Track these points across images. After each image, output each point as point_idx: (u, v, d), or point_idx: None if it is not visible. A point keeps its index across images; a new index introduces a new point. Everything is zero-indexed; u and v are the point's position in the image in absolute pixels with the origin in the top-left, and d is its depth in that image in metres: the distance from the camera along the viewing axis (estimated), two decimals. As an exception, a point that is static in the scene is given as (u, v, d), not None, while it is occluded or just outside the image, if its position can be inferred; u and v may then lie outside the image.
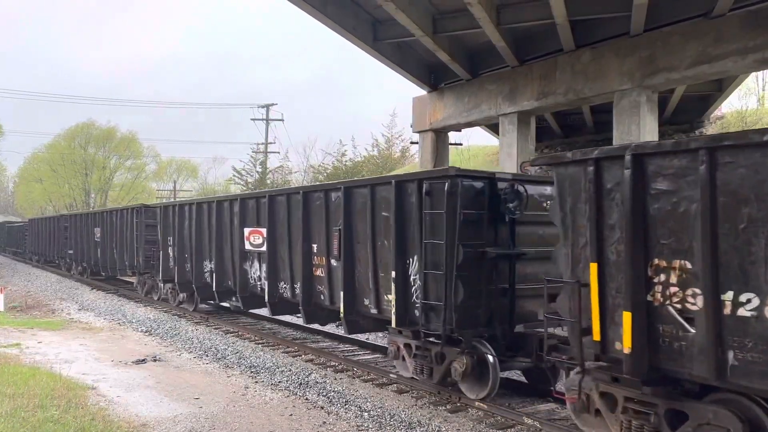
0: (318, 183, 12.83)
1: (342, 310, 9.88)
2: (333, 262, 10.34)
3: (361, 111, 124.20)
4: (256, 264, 12.78)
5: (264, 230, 12.28)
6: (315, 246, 10.80)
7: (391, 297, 8.71)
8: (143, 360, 11.10)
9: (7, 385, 8.27)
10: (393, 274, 8.65)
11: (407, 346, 8.89)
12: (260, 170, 50.98)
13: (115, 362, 10.94)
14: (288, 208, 11.56)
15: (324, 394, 8.66)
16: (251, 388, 9.12)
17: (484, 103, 18.08)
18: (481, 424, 7.33)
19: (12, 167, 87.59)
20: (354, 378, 9.67)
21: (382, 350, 11.60)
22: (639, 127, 14.18)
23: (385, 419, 7.48)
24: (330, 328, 13.41)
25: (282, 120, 51.09)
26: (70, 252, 28.01)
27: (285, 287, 11.76)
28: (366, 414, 7.70)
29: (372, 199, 9.23)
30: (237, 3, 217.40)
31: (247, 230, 12.95)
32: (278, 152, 69.19)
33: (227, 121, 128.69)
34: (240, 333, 13.71)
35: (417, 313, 8.37)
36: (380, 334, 12.63)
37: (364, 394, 8.61)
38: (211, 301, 16.32)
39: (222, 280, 14.25)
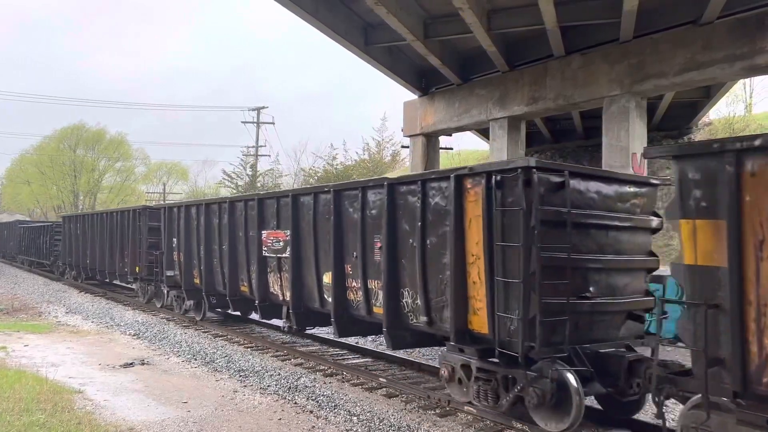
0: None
1: None
2: None
3: (363, 116, 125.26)
4: None
5: None
6: None
7: None
8: (131, 363, 11.01)
9: (-8, 389, 8.18)
10: None
11: None
12: (250, 173, 50.90)
13: (103, 366, 10.85)
14: None
15: (313, 398, 8.63)
16: (240, 392, 9.07)
17: (475, 107, 18.16)
18: (470, 429, 7.33)
19: (3, 168, 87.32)
20: (343, 382, 9.64)
21: (371, 354, 11.59)
22: (628, 132, 14.30)
23: (375, 423, 7.46)
24: (318, 331, 13.35)
25: (273, 123, 51.12)
26: (171, 274, 15.83)
27: None
28: (355, 418, 7.68)
29: None
30: (255, 21, 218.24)
31: None
32: (269, 155, 69.22)
33: (229, 126, 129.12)
34: (229, 336, 13.64)
35: None
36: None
37: (354, 398, 8.59)
38: None
39: None
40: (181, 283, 15.08)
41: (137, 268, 18.30)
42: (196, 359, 11.41)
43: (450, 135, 22.52)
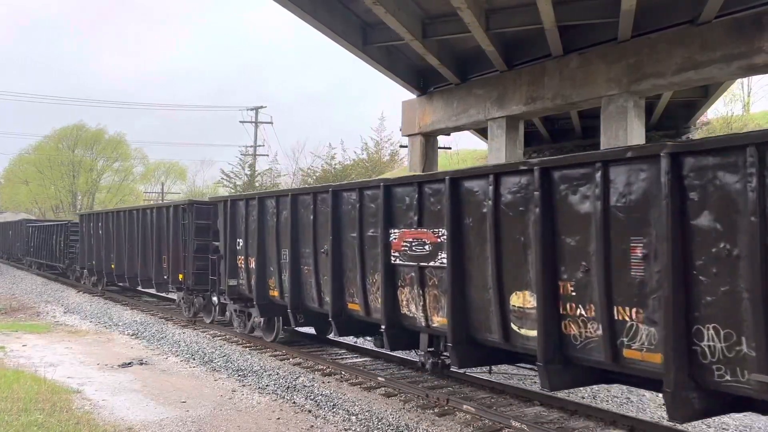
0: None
1: None
2: None
3: (362, 117, 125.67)
4: None
5: None
6: None
7: None
8: (129, 363, 11.01)
9: (-10, 389, 8.18)
10: None
11: None
12: (249, 173, 50.89)
13: (101, 366, 10.85)
14: None
15: (311, 397, 8.64)
16: (238, 391, 9.08)
17: (473, 107, 18.15)
18: (469, 428, 7.35)
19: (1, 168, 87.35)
20: (342, 381, 9.65)
21: (369, 353, 11.59)
22: (626, 132, 14.31)
23: (373, 423, 7.47)
24: (314, 330, 13.34)
25: (271, 123, 51.21)
26: (233, 283, 12.85)
27: None
28: (353, 417, 7.69)
29: None
30: (256, 22, 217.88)
31: None
32: (267, 155, 69.38)
33: (229, 127, 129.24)
34: (227, 336, 13.64)
35: None
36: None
37: (352, 397, 8.60)
38: None
39: None
40: (252, 296, 12.10)
41: (181, 276, 15.27)
42: (194, 359, 11.42)
43: (448, 134, 22.51)
